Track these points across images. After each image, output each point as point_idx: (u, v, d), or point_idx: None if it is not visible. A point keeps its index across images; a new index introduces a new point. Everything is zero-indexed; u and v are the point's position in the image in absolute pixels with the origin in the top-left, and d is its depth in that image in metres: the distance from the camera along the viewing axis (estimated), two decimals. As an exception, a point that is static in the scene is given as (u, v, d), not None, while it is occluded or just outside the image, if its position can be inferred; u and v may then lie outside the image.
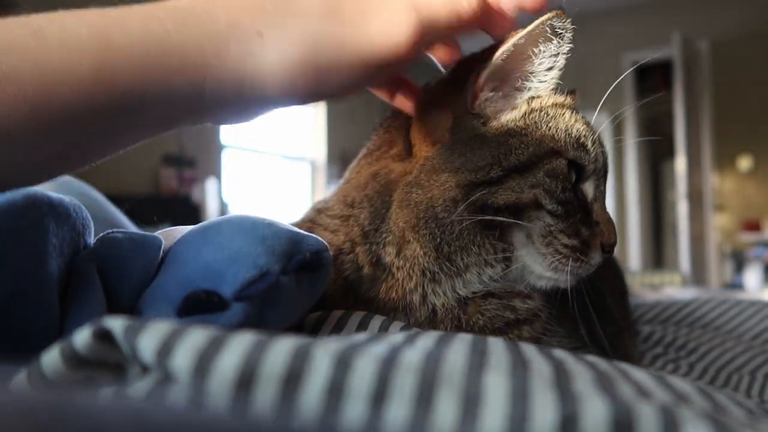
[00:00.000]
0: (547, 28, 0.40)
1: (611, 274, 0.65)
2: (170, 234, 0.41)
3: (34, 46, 0.31)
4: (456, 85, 0.42)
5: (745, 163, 5.19)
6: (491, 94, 0.41)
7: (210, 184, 3.73)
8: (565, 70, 0.44)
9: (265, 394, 0.19)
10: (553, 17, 0.40)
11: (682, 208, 4.54)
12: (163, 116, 0.36)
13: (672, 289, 2.61)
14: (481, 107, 0.41)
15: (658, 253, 6.14)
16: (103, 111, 0.33)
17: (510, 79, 0.42)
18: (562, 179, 0.41)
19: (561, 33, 0.41)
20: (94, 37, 0.32)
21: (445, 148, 0.40)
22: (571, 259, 0.41)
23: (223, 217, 0.37)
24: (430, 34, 0.36)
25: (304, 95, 0.36)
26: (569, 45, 0.41)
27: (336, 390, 0.19)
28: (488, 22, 0.39)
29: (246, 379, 0.19)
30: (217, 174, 3.74)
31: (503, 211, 0.39)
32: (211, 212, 3.90)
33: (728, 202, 5.28)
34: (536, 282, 0.43)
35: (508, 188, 0.39)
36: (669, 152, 4.94)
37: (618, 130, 5.13)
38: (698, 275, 4.71)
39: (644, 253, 5.21)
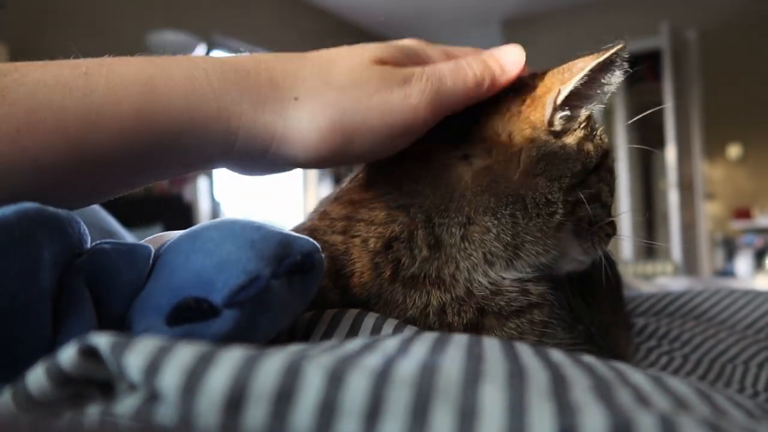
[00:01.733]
0: (617, 59, 0.45)
1: (606, 267, 0.65)
2: (159, 240, 0.41)
3: (81, 86, 0.33)
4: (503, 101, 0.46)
5: (734, 151, 5.23)
6: (565, 113, 0.45)
7: (202, 184, 3.72)
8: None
9: (256, 413, 0.18)
10: (622, 49, 0.44)
11: (672, 197, 4.57)
12: (192, 160, 0.38)
13: (664, 278, 2.63)
14: (555, 124, 0.45)
15: (649, 242, 6.16)
16: (137, 151, 0.35)
17: (580, 100, 0.46)
18: (612, 173, 0.48)
19: (622, 64, 0.45)
20: (140, 82, 0.34)
21: (527, 153, 0.44)
22: (604, 243, 0.47)
23: (211, 221, 0.36)
24: (444, 105, 0.41)
25: (328, 158, 0.39)
26: (624, 73, 0.46)
27: (328, 407, 0.19)
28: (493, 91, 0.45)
29: (236, 398, 0.19)
30: (209, 173, 3.73)
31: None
32: (203, 212, 3.89)
33: (719, 191, 5.33)
34: (566, 266, 0.47)
35: (587, 186, 0.45)
36: (659, 142, 4.96)
37: (607, 119, 5.14)
38: (690, 263, 4.74)
39: (636, 242, 5.23)
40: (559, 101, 0.44)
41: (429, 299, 0.42)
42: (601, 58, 0.44)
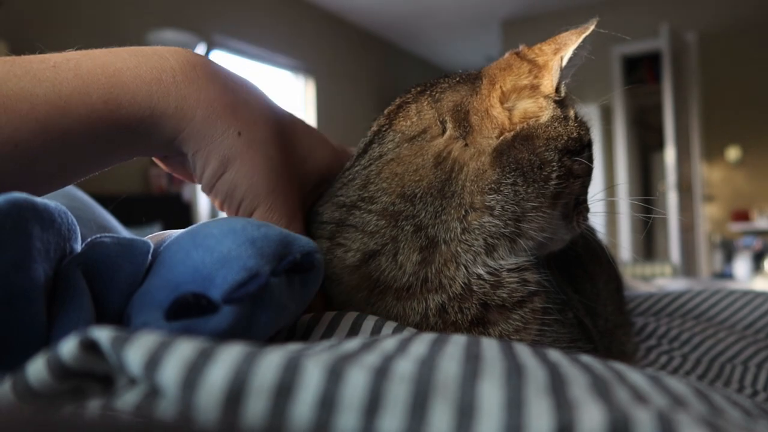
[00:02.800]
0: (591, 33, 0.46)
1: (606, 269, 0.65)
2: (159, 238, 0.41)
3: (50, 77, 0.36)
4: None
5: (733, 153, 5.23)
6: (567, 80, 0.46)
7: (200, 183, 3.70)
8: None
9: (256, 407, 0.19)
10: (595, 23, 0.46)
11: (671, 199, 4.57)
12: (141, 148, 0.42)
13: (663, 280, 2.63)
14: (561, 90, 0.46)
15: (648, 244, 6.17)
16: (101, 137, 0.38)
17: (563, 71, 0.46)
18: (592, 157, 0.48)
19: (589, 37, 0.46)
20: (107, 74, 0.38)
21: (536, 122, 0.44)
22: (585, 221, 0.48)
23: (213, 219, 0.36)
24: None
25: None
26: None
27: (328, 402, 0.19)
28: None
29: (236, 393, 0.19)
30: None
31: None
32: (202, 211, 3.89)
33: (717, 193, 5.33)
34: (555, 246, 0.47)
35: (579, 160, 0.45)
36: (658, 143, 4.97)
37: (607, 121, 5.14)
38: (688, 265, 4.74)
39: (635, 244, 5.24)
40: (563, 65, 0.45)
41: (427, 304, 0.42)
42: (590, 29, 0.45)
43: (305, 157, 0.47)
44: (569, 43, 0.45)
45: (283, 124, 0.45)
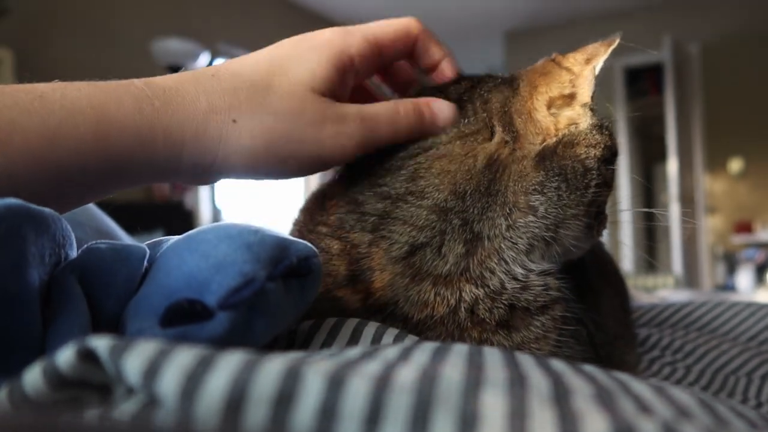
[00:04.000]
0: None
1: (612, 281, 0.65)
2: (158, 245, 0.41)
3: (37, 108, 0.36)
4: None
5: (736, 165, 5.22)
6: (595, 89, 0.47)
7: (203, 190, 3.72)
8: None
9: (256, 416, 0.18)
10: (619, 36, 0.47)
11: (674, 211, 4.56)
12: (145, 176, 0.41)
13: (665, 291, 2.62)
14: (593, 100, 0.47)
15: (650, 255, 6.15)
16: (95, 168, 0.38)
17: None
18: None
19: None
20: (92, 106, 0.37)
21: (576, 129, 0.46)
22: (604, 227, 0.49)
23: (209, 225, 0.36)
24: (373, 145, 0.44)
25: (264, 175, 0.44)
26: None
27: (328, 412, 0.18)
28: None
29: (236, 401, 0.19)
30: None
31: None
32: (204, 218, 3.89)
33: (720, 204, 5.32)
34: (577, 254, 0.47)
35: (610, 169, 0.46)
36: (661, 155, 4.97)
37: (610, 133, 5.13)
38: (691, 277, 4.73)
39: (637, 255, 5.22)
40: (596, 74, 0.46)
41: (461, 296, 0.42)
42: (616, 42, 0.47)
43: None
44: (599, 54, 0.47)
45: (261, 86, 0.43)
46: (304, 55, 0.44)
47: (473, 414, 0.19)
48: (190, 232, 0.36)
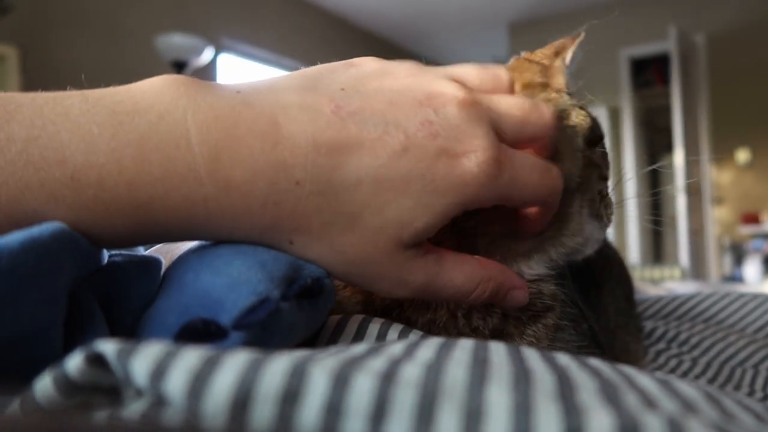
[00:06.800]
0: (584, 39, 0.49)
1: (615, 273, 0.65)
2: (164, 251, 0.41)
3: (68, 197, 0.30)
4: None
5: (743, 155, 5.20)
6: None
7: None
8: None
9: (262, 414, 0.19)
10: (584, 34, 0.49)
11: (680, 202, 4.55)
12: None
13: (672, 282, 2.61)
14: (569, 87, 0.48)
15: (657, 247, 6.14)
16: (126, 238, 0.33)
17: None
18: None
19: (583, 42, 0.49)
20: (134, 204, 0.31)
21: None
22: (611, 210, 0.47)
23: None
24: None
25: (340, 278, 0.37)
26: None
27: (334, 408, 0.19)
28: None
29: (242, 400, 0.19)
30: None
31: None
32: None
33: (727, 195, 5.29)
34: (590, 249, 0.46)
35: (600, 153, 0.47)
36: (667, 146, 4.94)
37: (615, 123, 5.13)
38: (698, 268, 4.72)
39: (643, 247, 5.21)
40: (566, 64, 0.47)
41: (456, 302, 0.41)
42: (581, 36, 0.49)
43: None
44: (567, 46, 0.48)
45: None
46: (418, 199, 0.33)
47: (478, 409, 0.19)
48: (202, 244, 0.36)
